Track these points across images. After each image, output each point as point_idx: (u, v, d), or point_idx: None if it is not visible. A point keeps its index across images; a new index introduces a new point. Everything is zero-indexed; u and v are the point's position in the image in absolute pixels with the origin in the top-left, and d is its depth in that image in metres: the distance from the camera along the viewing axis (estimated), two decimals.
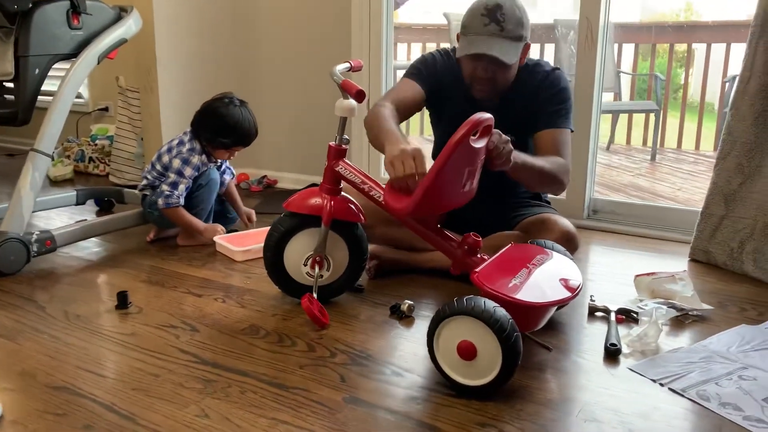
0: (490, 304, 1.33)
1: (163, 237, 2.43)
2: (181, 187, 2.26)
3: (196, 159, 2.28)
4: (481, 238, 1.61)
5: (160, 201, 2.25)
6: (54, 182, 3.34)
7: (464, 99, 1.95)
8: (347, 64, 1.82)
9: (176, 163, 2.26)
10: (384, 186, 1.64)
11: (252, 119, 2.36)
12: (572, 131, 1.98)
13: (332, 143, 1.74)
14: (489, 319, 1.30)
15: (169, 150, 2.32)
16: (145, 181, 2.37)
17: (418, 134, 5.42)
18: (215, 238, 2.30)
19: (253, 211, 2.54)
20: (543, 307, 1.44)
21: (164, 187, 2.26)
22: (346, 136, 1.74)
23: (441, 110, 2.07)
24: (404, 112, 1.94)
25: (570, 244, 1.88)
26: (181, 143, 2.32)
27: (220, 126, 2.28)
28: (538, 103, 1.94)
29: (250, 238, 2.28)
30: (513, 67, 1.86)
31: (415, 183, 1.51)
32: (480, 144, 1.54)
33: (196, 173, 2.29)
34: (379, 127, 1.74)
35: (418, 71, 2.00)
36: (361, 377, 1.48)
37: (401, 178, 1.53)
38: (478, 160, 1.55)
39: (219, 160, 2.41)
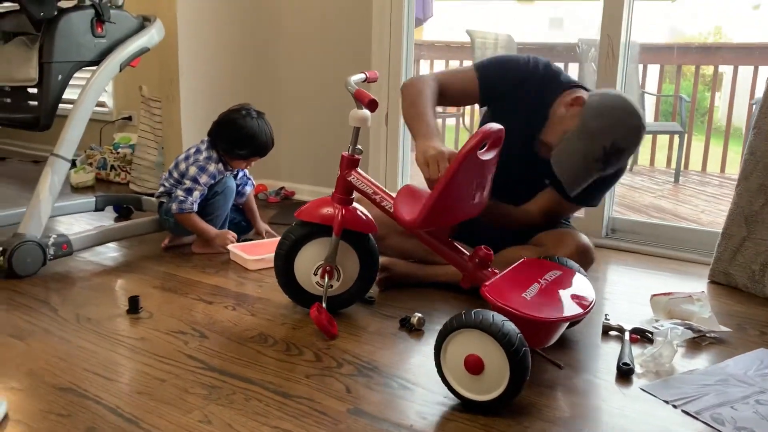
0: (499, 317, 1.31)
1: (179, 244, 2.44)
2: (196, 194, 2.27)
3: (212, 167, 2.30)
4: (492, 252, 1.59)
5: (174, 206, 2.26)
6: (75, 189, 3.38)
7: (528, 126, 1.86)
8: (362, 75, 1.82)
9: (192, 170, 2.28)
10: (395, 197, 1.63)
11: (269, 131, 2.37)
12: (593, 206, 1.99)
13: (345, 153, 1.74)
14: (497, 333, 1.28)
15: (187, 158, 2.34)
16: (162, 189, 2.39)
17: None
18: (229, 246, 2.31)
19: (269, 228, 2.55)
20: (553, 323, 1.41)
21: (179, 192, 2.27)
22: (359, 147, 1.74)
23: (497, 114, 1.92)
24: (447, 100, 1.90)
25: (585, 258, 1.85)
26: (198, 151, 2.33)
27: (237, 137, 2.30)
28: None
29: (263, 247, 2.29)
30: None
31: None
32: (489, 156, 1.53)
33: (212, 181, 2.30)
34: (416, 108, 1.75)
35: (485, 71, 1.90)
36: (367, 389, 1.46)
37: (434, 180, 1.54)
38: (487, 171, 1.54)
39: (236, 170, 2.42)
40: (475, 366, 1.32)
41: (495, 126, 1.51)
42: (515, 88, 1.90)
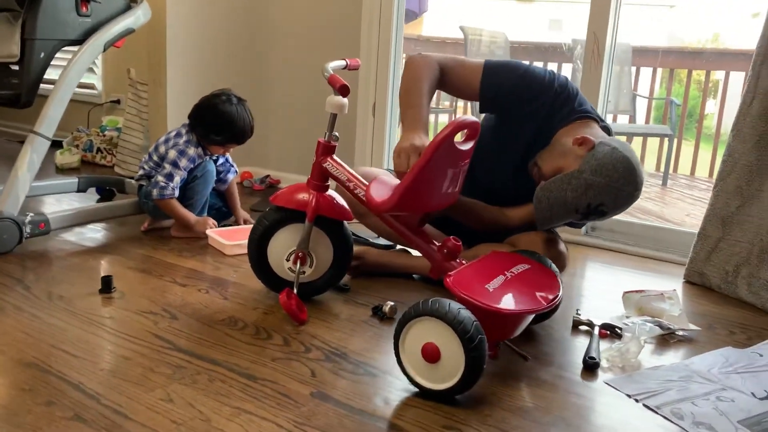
0: (455, 305, 1.31)
1: (158, 227, 2.44)
2: (177, 179, 2.27)
3: (192, 151, 2.29)
4: (461, 243, 1.60)
5: (155, 192, 2.26)
6: (60, 170, 3.37)
7: (533, 142, 1.85)
8: (342, 62, 1.82)
9: (172, 154, 2.27)
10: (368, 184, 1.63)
11: (248, 118, 2.35)
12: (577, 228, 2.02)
13: (321, 139, 1.74)
14: (452, 320, 1.28)
15: (167, 141, 2.34)
16: (141, 171, 2.39)
17: None
18: (208, 231, 2.31)
19: (248, 216, 2.54)
20: (513, 315, 1.41)
21: (159, 178, 2.26)
22: (335, 133, 1.74)
23: (508, 130, 1.89)
24: (444, 86, 1.83)
25: (556, 263, 1.85)
26: (178, 135, 2.33)
27: (215, 122, 2.29)
28: None
29: (241, 233, 2.28)
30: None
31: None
32: (465, 147, 1.53)
33: (192, 165, 2.30)
34: (410, 97, 1.74)
35: (490, 81, 1.80)
36: (333, 374, 1.46)
37: (400, 173, 1.59)
38: (462, 162, 1.54)
39: (216, 156, 2.42)
40: (432, 354, 1.33)
41: (470, 118, 1.51)
42: (523, 103, 1.81)
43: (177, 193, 2.28)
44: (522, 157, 1.87)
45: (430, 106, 1.79)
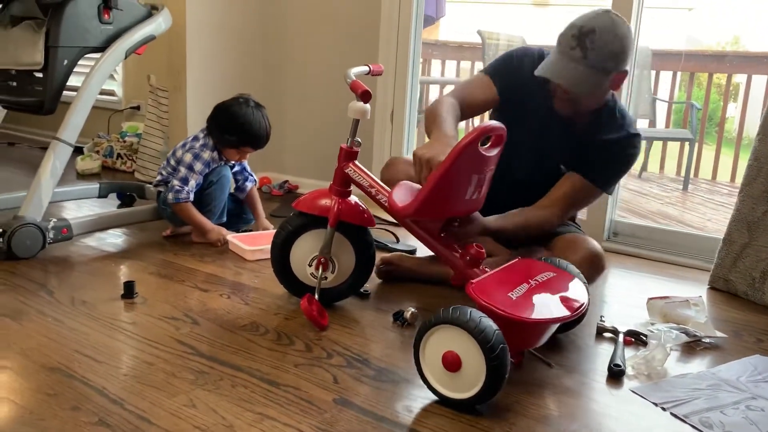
0: (477, 314, 1.29)
1: (180, 234, 2.45)
2: (192, 183, 2.27)
3: (207, 155, 2.29)
4: (483, 250, 1.58)
5: (170, 196, 2.26)
6: (81, 176, 3.40)
7: (545, 109, 1.88)
8: (365, 68, 1.82)
9: (187, 157, 2.28)
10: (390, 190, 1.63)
11: (264, 122, 2.34)
12: (609, 194, 1.97)
13: (344, 145, 1.74)
14: (473, 329, 1.27)
15: (183, 145, 2.34)
16: (159, 177, 2.40)
17: None
18: (228, 237, 2.31)
19: (270, 226, 2.50)
20: (537, 324, 1.39)
21: (174, 182, 2.27)
22: (358, 139, 1.74)
23: (515, 114, 1.90)
24: (469, 113, 1.90)
25: (595, 265, 1.84)
26: (195, 139, 2.34)
27: (229, 124, 2.29)
28: (605, 153, 1.88)
29: (262, 239, 2.28)
30: (596, 93, 1.79)
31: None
32: (491, 153, 1.52)
33: (207, 169, 2.30)
34: (435, 115, 1.75)
35: (497, 71, 1.93)
36: (355, 380, 1.46)
37: (416, 179, 1.59)
38: (487, 168, 1.53)
39: (232, 162, 2.42)
40: (453, 363, 1.31)
41: (496, 123, 1.50)
42: (524, 79, 1.87)
43: (192, 197, 2.28)
44: (537, 131, 1.90)
45: (457, 123, 1.78)
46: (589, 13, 1.74)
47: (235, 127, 2.29)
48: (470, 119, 4.93)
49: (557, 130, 1.89)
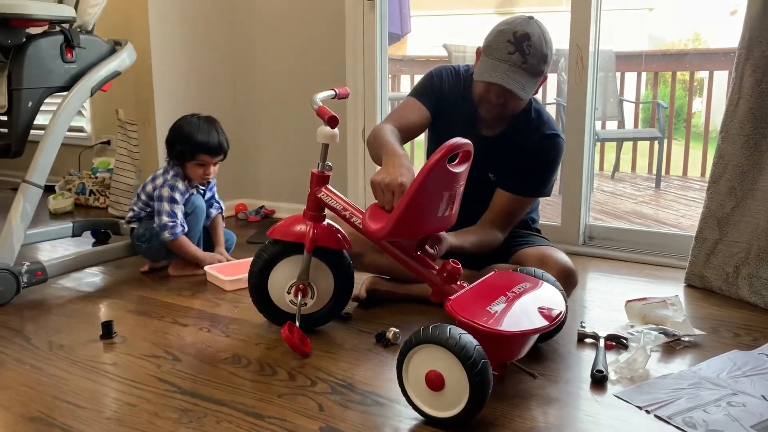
0: (456, 330, 1.30)
1: (157, 268, 2.43)
2: (180, 215, 2.27)
3: (180, 184, 2.29)
4: (460, 265, 1.59)
5: (166, 234, 2.24)
6: (54, 215, 3.36)
7: (466, 121, 1.94)
8: (331, 92, 1.83)
9: (166, 192, 2.27)
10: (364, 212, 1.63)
11: (213, 130, 2.32)
12: (546, 196, 2.00)
13: (315, 170, 1.74)
14: (454, 346, 1.27)
15: (153, 179, 2.33)
16: (131, 213, 2.38)
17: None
18: (206, 268, 2.30)
19: (228, 256, 2.45)
20: (518, 336, 1.40)
21: (165, 219, 2.25)
22: (328, 163, 1.74)
23: (441, 127, 1.98)
24: (407, 135, 1.92)
25: (568, 281, 1.85)
26: (165, 172, 2.33)
27: (177, 137, 2.30)
28: (527, 161, 1.91)
29: (240, 268, 2.27)
30: (526, 98, 1.83)
31: (392, 207, 1.51)
32: (459, 169, 1.54)
33: (184, 198, 2.30)
34: (379, 142, 1.76)
35: (424, 91, 1.97)
36: (340, 407, 1.45)
37: (380, 206, 1.58)
38: (457, 185, 1.54)
39: (202, 188, 2.41)
40: (436, 382, 1.32)
41: (462, 140, 1.51)
42: (447, 95, 1.96)
43: (187, 227, 2.28)
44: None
45: (401, 144, 1.80)
46: (515, 19, 1.78)
47: (182, 137, 2.29)
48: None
49: (480, 141, 1.89)
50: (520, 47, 1.74)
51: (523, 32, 1.74)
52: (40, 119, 2.20)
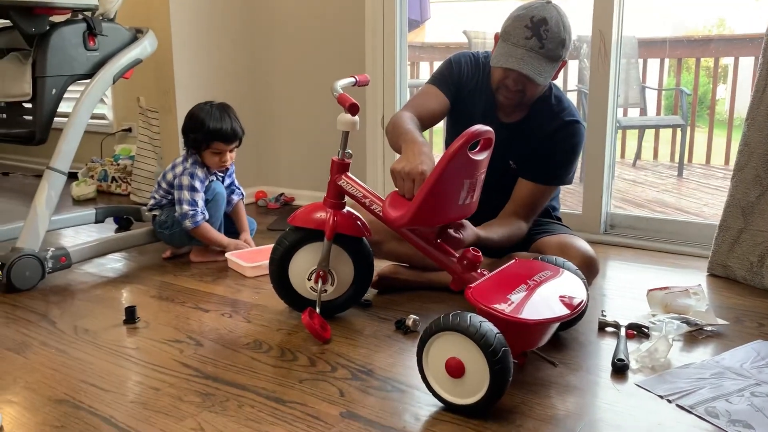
0: (477, 318, 1.30)
1: (179, 254, 2.45)
2: (200, 203, 2.29)
3: (200, 172, 2.30)
4: (480, 253, 1.59)
5: (188, 222, 2.26)
6: (77, 201, 3.41)
7: (485, 108, 1.93)
8: (351, 79, 1.82)
9: (186, 180, 2.28)
10: (384, 199, 1.63)
11: (227, 117, 2.32)
12: (567, 184, 1.99)
13: (335, 157, 1.74)
14: (474, 334, 1.27)
15: (173, 167, 2.35)
16: (152, 201, 2.40)
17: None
18: (227, 255, 2.31)
19: (251, 240, 2.48)
20: (538, 325, 1.40)
21: (185, 207, 2.26)
22: (348, 150, 1.74)
23: (460, 114, 1.98)
24: (426, 123, 1.91)
25: (590, 270, 1.83)
26: (184, 160, 2.34)
27: (191, 124, 2.30)
28: (548, 148, 1.90)
29: (261, 254, 2.29)
30: (544, 84, 1.82)
31: (412, 195, 1.51)
32: (480, 157, 1.53)
33: (204, 186, 2.31)
34: (399, 130, 1.75)
35: (443, 78, 1.96)
36: (361, 392, 1.46)
37: (400, 194, 1.58)
38: (478, 173, 1.54)
39: (221, 174, 2.42)
40: (456, 369, 1.32)
41: (484, 127, 1.51)
42: (466, 82, 1.95)
43: (207, 214, 2.29)
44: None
45: (421, 132, 1.79)
46: (532, 3, 1.77)
47: (195, 125, 2.29)
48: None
49: (500, 128, 1.86)
50: (537, 32, 1.72)
51: (540, 17, 1.73)
52: (63, 107, 2.23)
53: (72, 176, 3.17)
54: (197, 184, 2.29)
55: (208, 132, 2.28)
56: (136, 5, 2.86)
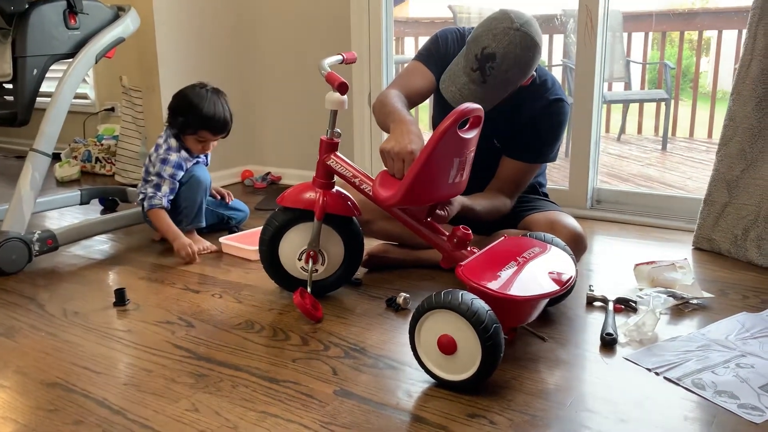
0: (468, 296, 1.31)
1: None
2: (165, 188, 2.22)
3: (174, 156, 2.24)
4: (470, 231, 1.59)
5: (145, 204, 2.22)
6: (61, 183, 3.37)
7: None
8: (339, 57, 1.81)
9: (157, 166, 2.23)
10: (374, 179, 1.63)
11: (220, 105, 2.26)
12: (551, 161, 1.98)
13: (324, 137, 1.73)
14: (466, 311, 1.29)
15: (156, 148, 2.28)
16: (141, 196, 2.30)
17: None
18: (222, 240, 2.27)
19: (205, 242, 2.34)
20: (528, 301, 1.42)
21: (149, 189, 2.22)
22: (337, 129, 1.74)
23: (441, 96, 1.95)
24: (413, 101, 1.89)
25: (578, 246, 1.84)
26: (157, 147, 2.27)
27: (182, 107, 2.24)
28: (533, 128, 1.89)
29: (257, 236, 2.26)
30: (510, 90, 1.78)
31: (402, 175, 1.51)
32: (469, 135, 1.53)
33: (181, 171, 2.25)
34: (386, 109, 1.73)
35: (429, 54, 1.93)
36: (354, 370, 1.47)
37: (390, 173, 1.57)
38: (467, 151, 1.54)
39: (201, 156, 2.36)
40: (448, 346, 1.34)
41: (473, 105, 1.50)
42: (452, 58, 1.90)
43: (166, 202, 2.22)
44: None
45: (408, 110, 1.77)
46: (496, 27, 1.67)
47: (187, 108, 2.23)
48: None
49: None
50: (482, 67, 1.68)
51: (490, 52, 1.66)
52: (45, 86, 2.19)
53: (55, 157, 3.13)
54: (167, 170, 2.22)
55: (199, 119, 2.23)
56: None
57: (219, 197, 2.48)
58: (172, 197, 2.25)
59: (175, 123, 2.27)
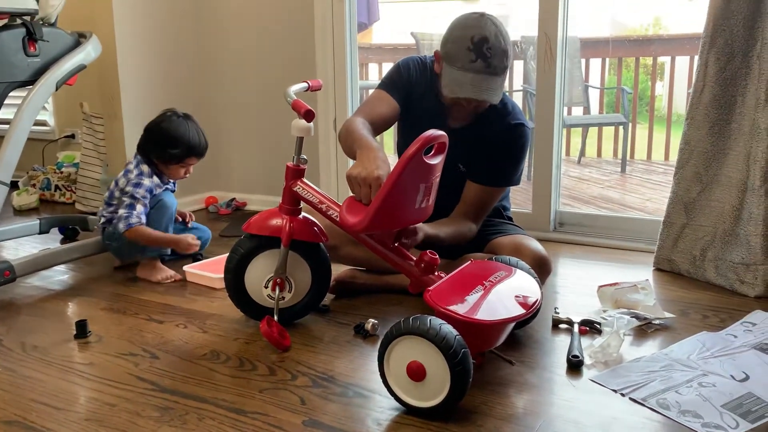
0: (437, 321, 1.32)
1: (131, 263, 2.39)
2: (139, 207, 2.19)
3: (147, 181, 2.22)
4: (437, 256, 1.61)
5: (121, 225, 2.17)
6: (19, 211, 3.29)
7: (433, 113, 1.93)
8: (304, 84, 1.82)
9: (128, 188, 2.20)
10: (341, 205, 1.63)
11: (197, 129, 2.30)
12: (515, 185, 2.02)
13: (290, 163, 1.73)
14: (434, 337, 1.29)
15: (126, 173, 2.26)
16: (103, 220, 2.29)
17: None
18: (186, 268, 2.24)
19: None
20: (496, 325, 1.43)
21: (121, 211, 2.19)
22: (303, 156, 1.74)
23: (410, 119, 1.99)
24: (378, 128, 1.91)
25: (543, 269, 1.87)
26: (127, 172, 2.25)
27: (166, 140, 2.24)
28: (495, 152, 1.93)
29: (222, 264, 2.23)
30: (498, 100, 1.83)
31: (369, 200, 1.52)
32: (435, 161, 1.55)
33: (150, 195, 2.23)
34: (352, 136, 1.74)
35: (392, 83, 1.96)
36: (322, 399, 1.46)
37: (356, 199, 1.58)
38: (433, 176, 1.56)
39: (171, 181, 2.36)
40: (418, 372, 1.33)
41: (438, 132, 1.52)
42: (414, 86, 1.95)
43: (143, 219, 2.20)
44: None
45: (374, 137, 1.79)
46: (468, 21, 1.77)
47: (173, 141, 2.23)
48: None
49: (448, 134, 1.89)
50: (480, 53, 1.72)
51: (480, 36, 1.72)
52: (3, 113, 2.15)
53: (13, 185, 3.06)
54: (140, 192, 2.20)
55: (187, 148, 2.25)
56: (78, 9, 2.78)
57: (180, 219, 2.45)
58: (144, 220, 2.22)
59: (160, 156, 2.26)
